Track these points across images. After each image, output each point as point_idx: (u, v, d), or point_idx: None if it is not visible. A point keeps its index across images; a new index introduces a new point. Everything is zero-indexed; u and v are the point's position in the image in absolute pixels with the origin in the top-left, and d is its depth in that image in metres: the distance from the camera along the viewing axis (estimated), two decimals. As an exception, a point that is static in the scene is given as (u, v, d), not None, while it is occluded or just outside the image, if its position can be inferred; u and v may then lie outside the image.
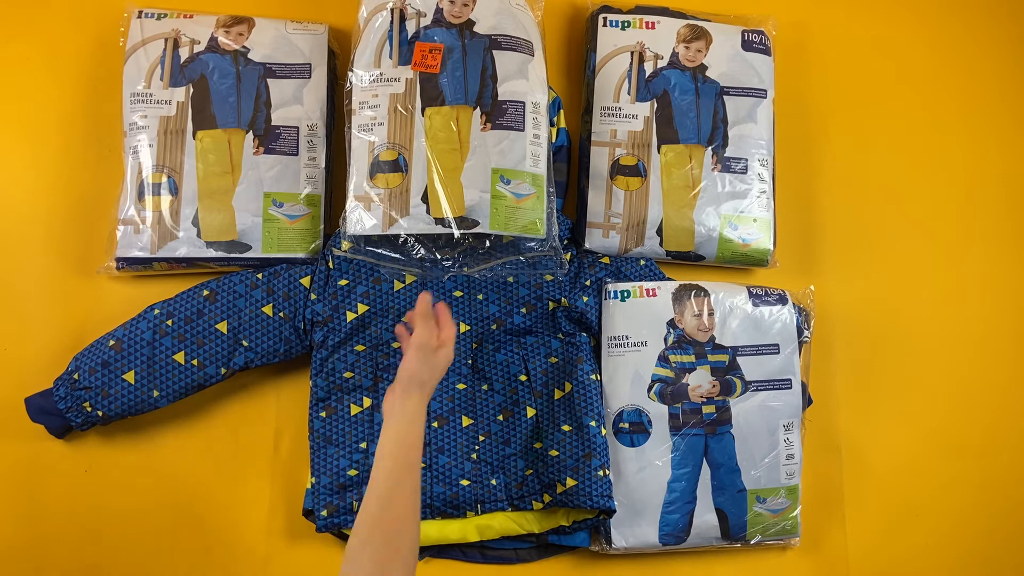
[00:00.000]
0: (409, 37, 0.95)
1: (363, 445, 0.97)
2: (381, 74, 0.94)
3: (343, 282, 1.02)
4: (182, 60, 1.03)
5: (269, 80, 1.04)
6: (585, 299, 1.05)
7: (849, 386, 1.14)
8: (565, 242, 1.08)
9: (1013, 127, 1.23)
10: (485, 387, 1.02)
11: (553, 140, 1.10)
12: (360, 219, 0.92)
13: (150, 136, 1.01)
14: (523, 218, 0.91)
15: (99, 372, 0.95)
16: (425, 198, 0.91)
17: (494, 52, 0.94)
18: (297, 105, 1.05)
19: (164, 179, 1.01)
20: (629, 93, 1.10)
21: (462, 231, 0.91)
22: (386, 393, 0.81)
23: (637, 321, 1.04)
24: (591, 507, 0.96)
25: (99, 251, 1.04)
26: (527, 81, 0.94)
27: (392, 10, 0.95)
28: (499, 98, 0.93)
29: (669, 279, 1.09)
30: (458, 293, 1.04)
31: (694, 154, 1.09)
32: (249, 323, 0.99)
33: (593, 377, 1.02)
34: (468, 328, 1.04)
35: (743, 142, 1.10)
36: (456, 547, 1.02)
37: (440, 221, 0.91)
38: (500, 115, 0.92)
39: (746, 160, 1.10)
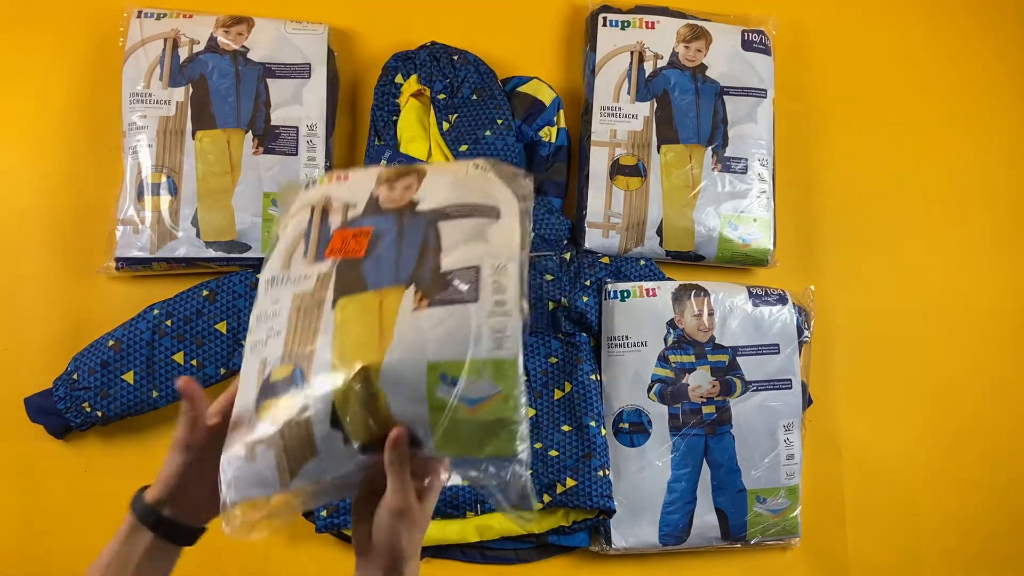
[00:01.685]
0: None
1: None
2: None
3: (342, 283, 1.00)
4: (181, 60, 1.03)
5: (268, 80, 1.04)
6: (585, 299, 1.05)
7: (849, 386, 1.14)
8: (565, 242, 1.08)
9: (1014, 126, 1.23)
10: (485, 388, 1.01)
11: (553, 140, 1.10)
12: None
13: (149, 136, 1.01)
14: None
15: (98, 372, 0.95)
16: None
17: None
18: (296, 105, 1.05)
19: (163, 179, 1.01)
20: (629, 93, 1.10)
21: None
22: (357, 547, 0.62)
23: (637, 321, 1.04)
24: (591, 507, 0.96)
25: (98, 251, 1.04)
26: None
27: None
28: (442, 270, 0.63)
29: (669, 279, 1.09)
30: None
31: (694, 154, 1.09)
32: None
33: (593, 377, 1.02)
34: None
35: (743, 142, 1.10)
36: (456, 547, 1.02)
37: None
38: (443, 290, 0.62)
39: (746, 160, 1.10)
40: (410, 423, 0.60)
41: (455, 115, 1.06)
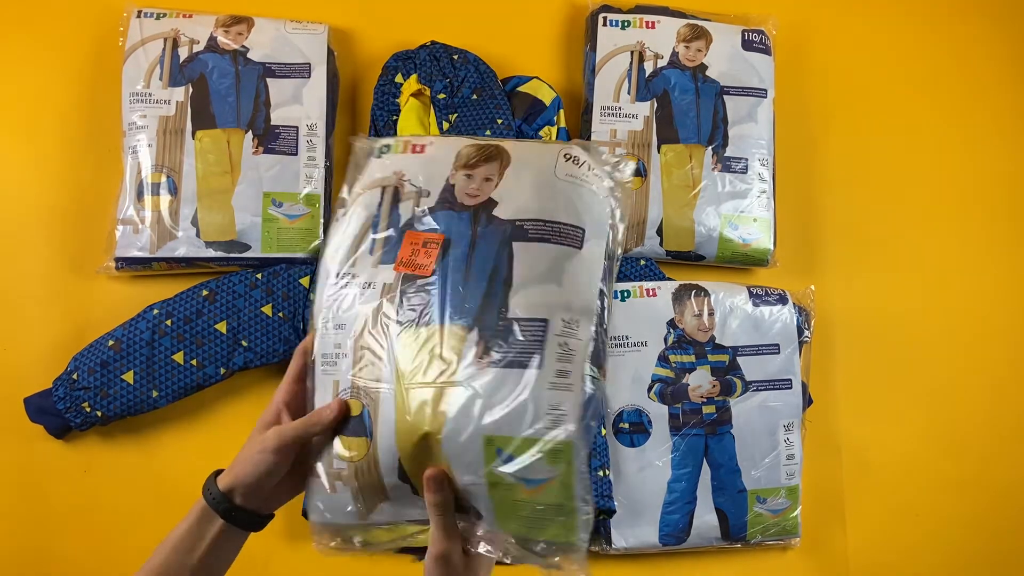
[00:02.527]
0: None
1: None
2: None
3: (343, 282, 1.00)
4: (181, 60, 1.03)
5: (268, 80, 1.04)
6: (585, 299, 1.05)
7: (849, 386, 1.14)
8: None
9: (1014, 126, 1.23)
10: (485, 388, 1.01)
11: (553, 140, 1.10)
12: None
13: (149, 136, 1.01)
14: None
15: (98, 372, 0.95)
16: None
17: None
18: (296, 105, 1.05)
19: (163, 179, 1.01)
20: (629, 93, 1.10)
21: None
22: None
23: (637, 321, 1.04)
24: (591, 507, 0.95)
25: (98, 251, 1.03)
26: None
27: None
28: None
29: (669, 279, 1.09)
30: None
31: (694, 154, 1.09)
32: (248, 323, 0.99)
33: (593, 377, 1.02)
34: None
35: (743, 142, 1.10)
36: (456, 547, 1.01)
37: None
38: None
39: (746, 160, 1.10)
40: (471, 493, 0.57)
41: (455, 115, 1.06)
